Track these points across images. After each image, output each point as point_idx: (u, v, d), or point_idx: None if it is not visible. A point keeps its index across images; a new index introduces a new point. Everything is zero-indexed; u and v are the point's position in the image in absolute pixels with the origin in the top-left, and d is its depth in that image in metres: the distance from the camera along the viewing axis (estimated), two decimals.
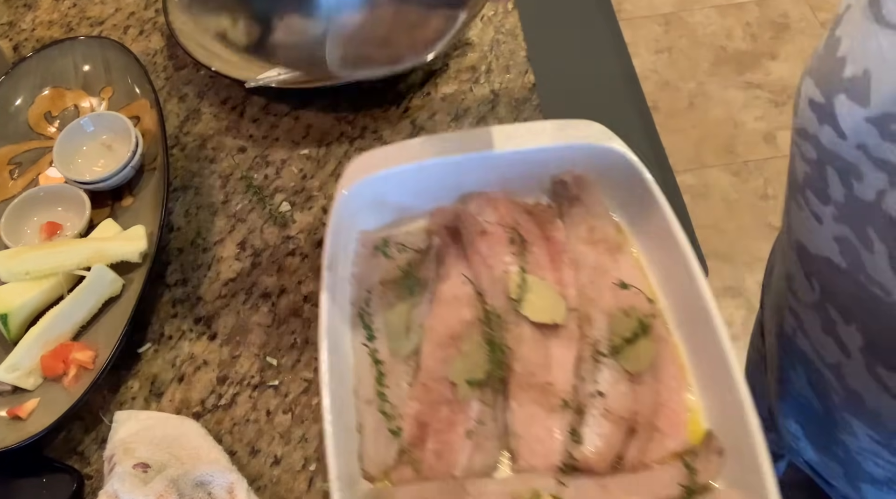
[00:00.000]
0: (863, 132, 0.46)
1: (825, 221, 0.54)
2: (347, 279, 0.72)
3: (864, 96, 0.46)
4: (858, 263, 0.52)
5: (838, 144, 0.48)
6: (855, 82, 0.46)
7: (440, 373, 0.65)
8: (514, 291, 0.68)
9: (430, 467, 0.61)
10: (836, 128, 0.48)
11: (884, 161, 0.46)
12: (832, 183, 0.51)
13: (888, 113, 0.45)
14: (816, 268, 0.58)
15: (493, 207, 0.74)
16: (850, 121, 0.47)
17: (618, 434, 0.62)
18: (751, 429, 0.55)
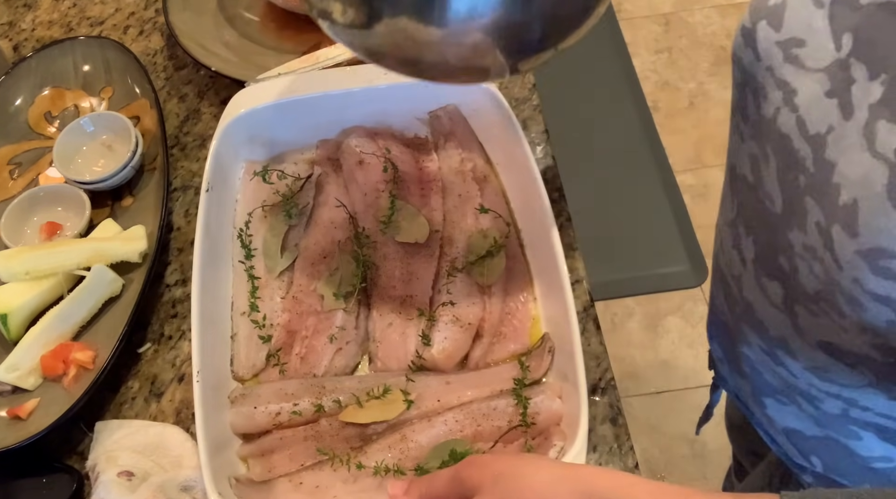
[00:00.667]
0: (772, 55, 0.52)
1: (745, 139, 0.59)
2: (232, 204, 0.80)
3: (779, 23, 0.52)
4: (759, 178, 0.57)
5: (754, 66, 0.54)
6: (775, 9, 0.52)
7: (310, 287, 0.74)
8: (383, 215, 0.77)
9: (295, 370, 0.70)
10: (755, 50, 0.54)
11: (783, 81, 0.52)
12: (749, 104, 0.56)
13: (793, 37, 0.51)
14: (738, 186, 0.63)
15: (371, 139, 0.82)
16: (764, 44, 0.53)
17: (465, 338, 0.70)
18: (573, 331, 0.64)
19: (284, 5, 0.97)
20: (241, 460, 0.66)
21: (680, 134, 2.17)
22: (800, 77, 0.51)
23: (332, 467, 0.65)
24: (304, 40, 0.97)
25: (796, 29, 0.51)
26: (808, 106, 0.50)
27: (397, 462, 0.64)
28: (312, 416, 0.67)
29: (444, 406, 0.67)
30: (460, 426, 0.66)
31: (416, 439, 0.65)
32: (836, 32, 0.48)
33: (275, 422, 0.67)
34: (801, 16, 0.50)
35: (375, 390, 0.68)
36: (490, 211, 0.78)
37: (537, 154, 0.87)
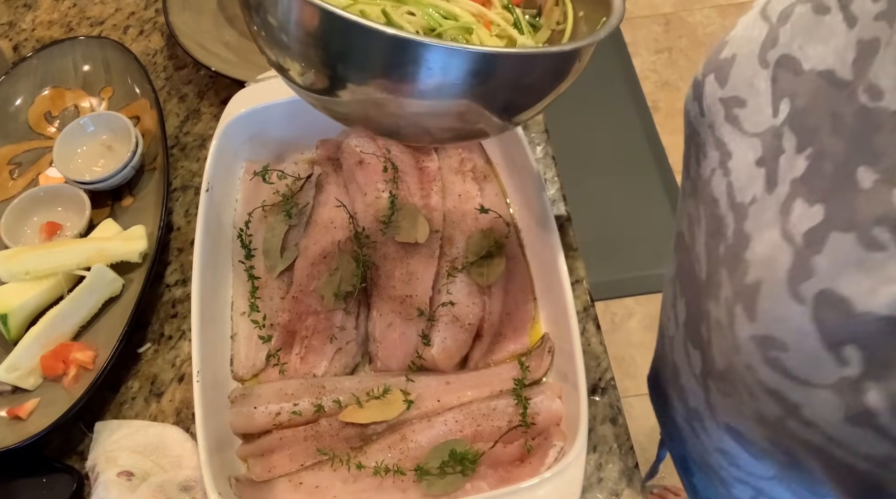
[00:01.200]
0: (714, 111, 0.50)
1: (686, 196, 0.57)
2: (232, 204, 0.80)
3: (725, 78, 0.49)
4: (693, 239, 0.55)
5: (699, 121, 0.52)
6: (724, 64, 0.50)
7: (310, 287, 0.74)
8: (383, 215, 0.77)
9: (295, 370, 0.70)
10: (701, 104, 0.51)
11: (721, 141, 0.49)
12: (691, 159, 0.54)
13: (735, 96, 0.48)
14: (677, 243, 0.61)
15: (371, 139, 0.82)
16: (709, 99, 0.50)
17: (464, 338, 0.70)
18: (572, 331, 0.64)
19: None
20: (241, 460, 0.66)
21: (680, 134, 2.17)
22: (736, 139, 0.48)
23: (332, 467, 0.65)
24: None
25: (739, 88, 0.48)
26: (739, 172, 0.48)
27: (397, 462, 0.64)
28: (312, 416, 0.67)
29: (444, 406, 0.67)
30: (460, 426, 0.66)
31: (416, 439, 0.65)
32: (776, 97, 0.46)
33: (275, 422, 0.67)
34: (746, 74, 0.47)
35: (375, 390, 0.68)
36: (490, 211, 0.78)
37: (537, 154, 0.87)
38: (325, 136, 0.84)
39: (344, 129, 0.84)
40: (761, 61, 0.47)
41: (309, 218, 0.79)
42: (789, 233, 0.41)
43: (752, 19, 0.49)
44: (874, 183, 0.37)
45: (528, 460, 0.63)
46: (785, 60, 0.45)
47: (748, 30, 0.49)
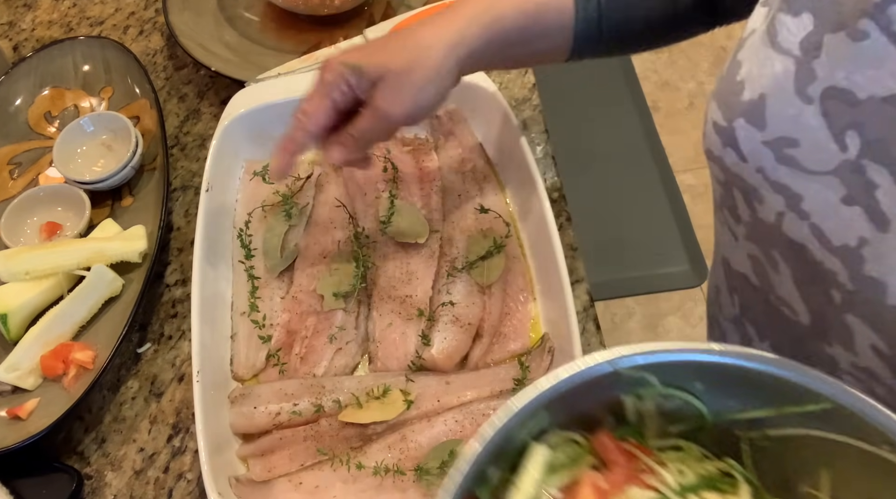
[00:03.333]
0: (760, 155, 0.47)
1: (739, 238, 0.55)
2: (232, 204, 0.80)
3: (761, 120, 0.47)
4: (768, 282, 0.53)
5: (740, 167, 0.49)
6: (752, 106, 0.47)
7: (310, 287, 0.74)
8: (383, 215, 0.77)
9: (295, 370, 0.70)
10: (738, 151, 0.49)
11: (780, 184, 0.47)
12: (739, 204, 0.52)
13: (782, 137, 0.46)
14: (736, 284, 0.59)
15: None
16: (748, 144, 0.48)
17: (464, 338, 0.70)
18: (572, 331, 0.64)
19: (284, 5, 0.97)
20: (241, 460, 0.66)
21: (680, 134, 2.17)
22: (801, 180, 0.46)
23: (332, 467, 0.65)
24: (304, 40, 0.97)
25: (784, 128, 0.46)
26: (823, 213, 0.45)
27: (397, 462, 0.64)
28: (312, 416, 0.67)
29: (444, 406, 0.67)
30: (460, 426, 0.66)
31: (415, 439, 0.65)
32: (836, 131, 0.43)
33: (275, 422, 0.67)
34: (787, 113, 0.45)
35: (375, 390, 0.68)
36: (490, 211, 0.78)
37: (537, 154, 0.87)
38: None
39: None
40: (802, 97, 0.44)
41: (309, 218, 0.79)
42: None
43: (765, 55, 0.47)
44: None
45: None
46: (833, 92, 0.43)
47: (765, 67, 0.46)
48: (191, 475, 0.69)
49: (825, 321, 0.49)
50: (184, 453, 0.70)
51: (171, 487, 0.69)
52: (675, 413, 0.46)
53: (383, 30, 0.91)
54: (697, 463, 0.46)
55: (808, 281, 0.48)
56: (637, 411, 0.47)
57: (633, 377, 0.43)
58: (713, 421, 0.46)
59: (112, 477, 0.69)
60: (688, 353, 0.42)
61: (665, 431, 0.47)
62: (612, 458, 0.45)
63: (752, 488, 0.44)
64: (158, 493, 0.69)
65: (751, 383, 0.43)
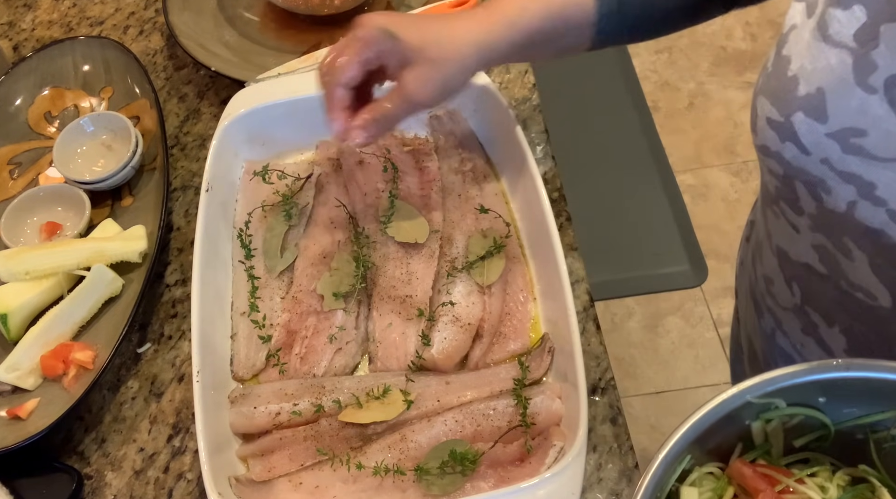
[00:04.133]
0: (825, 147, 0.48)
1: (802, 230, 0.55)
2: (232, 204, 0.80)
3: (822, 113, 0.47)
4: (838, 270, 0.54)
5: (802, 160, 0.50)
6: (811, 100, 0.48)
7: (310, 287, 0.74)
8: (383, 215, 0.77)
9: (295, 370, 0.70)
10: (799, 144, 0.49)
11: (849, 173, 0.48)
12: (802, 196, 0.52)
13: (847, 127, 0.46)
14: (797, 273, 0.59)
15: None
16: (810, 137, 0.48)
17: (465, 338, 0.70)
18: (572, 331, 0.64)
19: (284, 5, 0.97)
20: (241, 460, 0.66)
21: (680, 134, 2.17)
22: (873, 168, 0.46)
23: (332, 467, 0.65)
24: (304, 40, 0.97)
25: (848, 119, 0.46)
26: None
27: (397, 462, 0.64)
28: (312, 416, 0.67)
29: (444, 406, 0.67)
30: (460, 426, 0.66)
31: (415, 439, 0.65)
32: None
33: (275, 422, 0.67)
34: (850, 104, 0.46)
35: (375, 390, 0.68)
36: (490, 211, 0.78)
37: (537, 154, 0.87)
38: (325, 136, 0.84)
39: None
40: (864, 88, 0.45)
41: (309, 218, 0.79)
42: None
43: (817, 49, 0.47)
44: None
45: (528, 460, 0.63)
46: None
47: (819, 60, 0.47)
48: (191, 475, 0.69)
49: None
50: (184, 453, 0.70)
51: (171, 487, 0.69)
52: (799, 428, 0.49)
53: None
54: (832, 475, 0.48)
55: (888, 264, 0.49)
56: (764, 433, 0.49)
57: (762, 404, 0.46)
58: (837, 429, 0.48)
59: (112, 477, 0.69)
60: (813, 373, 0.45)
61: (791, 446, 0.50)
62: (754, 484, 0.47)
63: (890, 489, 0.46)
64: (158, 493, 0.69)
65: (871, 390, 0.45)
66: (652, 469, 0.43)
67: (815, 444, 0.49)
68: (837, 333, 0.58)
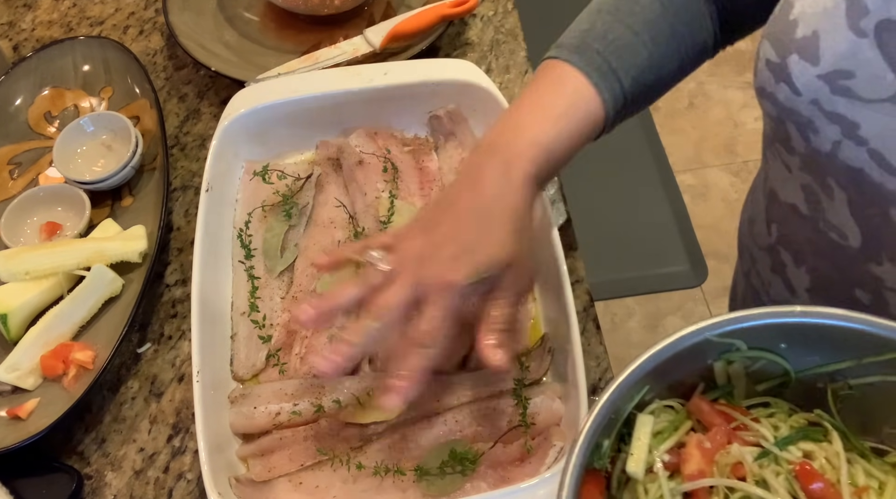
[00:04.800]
0: (815, 89, 0.50)
1: (793, 170, 0.57)
2: (232, 204, 0.80)
3: (815, 55, 0.49)
4: (819, 210, 0.56)
5: (794, 100, 0.52)
6: (805, 42, 0.49)
7: (310, 287, 0.73)
8: (383, 215, 0.77)
9: (295, 370, 0.70)
10: (791, 85, 0.51)
11: (835, 114, 0.49)
12: (794, 136, 0.54)
13: (837, 69, 0.48)
14: (781, 214, 0.61)
15: (371, 139, 0.82)
16: (803, 79, 0.50)
17: (465, 339, 0.67)
18: (572, 331, 0.64)
19: (284, 5, 0.97)
20: (241, 460, 0.66)
21: (680, 134, 2.17)
22: (857, 109, 0.48)
23: (332, 467, 0.65)
24: (304, 40, 0.97)
25: (839, 61, 0.48)
26: (882, 138, 0.48)
27: (397, 462, 0.64)
28: (312, 416, 0.67)
29: (444, 406, 0.67)
30: (460, 426, 0.66)
31: (415, 439, 0.65)
32: (893, 60, 0.46)
33: (275, 422, 0.67)
34: (842, 47, 0.48)
35: (375, 391, 0.67)
36: None
37: None
38: (325, 136, 0.84)
39: (343, 129, 0.84)
40: (856, 31, 0.47)
41: (309, 218, 0.79)
42: None
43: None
44: None
45: (528, 460, 0.63)
46: (887, 24, 0.46)
47: (817, 4, 0.49)
48: (191, 475, 0.69)
49: (879, 241, 0.51)
50: (184, 453, 0.70)
51: (171, 487, 0.69)
52: (761, 373, 0.49)
53: (383, 30, 0.91)
54: (788, 417, 0.49)
55: (865, 204, 0.51)
56: (726, 375, 0.50)
57: (722, 343, 0.47)
58: (797, 377, 0.49)
59: (112, 477, 0.69)
60: (772, 317, 0.46)
61: (753, 390, 0.51)
62: (710, 419, 0.48)
63: (841, 433, 0.47)
64: (158, 493, 0.69)
65: (832, 339, 0.46)
66: (608, 393, 0.44)
67: (777, 390, 0.50)
68: (803, 273, 0.60)
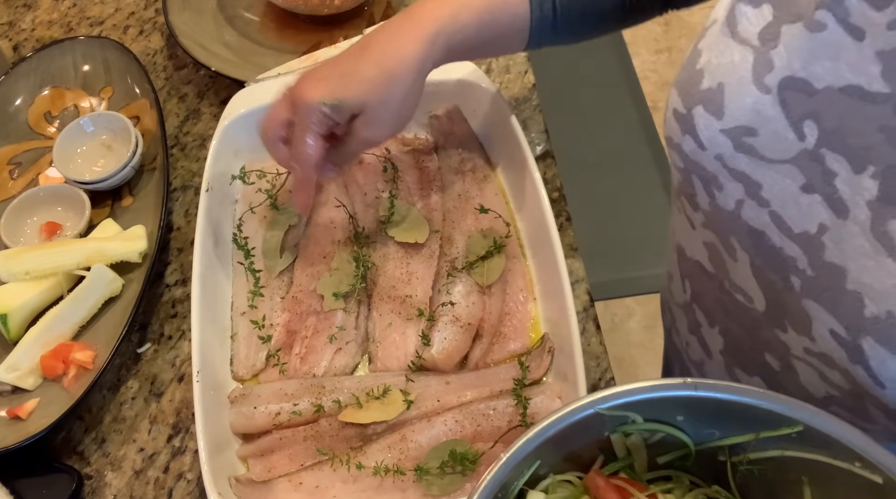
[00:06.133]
0: (719, 143, 0.48)
1: (696, 226, 0.56)
2: (231, 204, 0.80)
3: (719, 108, 0.47)
4: (723, 269, 0.54)
5: (699, 154, 0.50)
6: (710, 94, 0.48)
7: (310, 287, 0.74)
8: (383, 215, 0.77)
9: (295, 369, 0.70)
10: (696, 138, 0.49)
11: (739, 172, 0.47)
12: (698, 191, 0.52)
13: (740, 125, 0.46)
14: (690, 270, 0.60)
15: None
16: (707, 132, 0.48)
17: (465, 338, 0.70)
18: (572, 331, 0.65)
19: (284, 5, 0.97)
20: (241, 460, 0.66)
21: None
22: (760, 169, 0.46)
23: (332, 467, 0.65)
24: (304, 40, 0.97)
25: (742, 117, 0.46)
26: (783, 201, 0.46)
27: (397, 462, 0.64)
28: (312, 416, 0.67)
29: (444, 406, 0.67)
30: (460, 426, 0.66)
31: (415, 440, 0.65)
32: (794, 121, 0.44)
33: (275, 422, 0.67)
34: (745, 102, 0.46)
35: (375, 391, 0.68)
36: (490, 211, 0.78)
37: (537, 154, 0.87)
38: None
39: None
40: (760, 87, 0.45)
41: (309, 218, 0.79)
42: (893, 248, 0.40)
43: (725, 45, 0.48)
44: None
45: None
46: (790, 83, 0.44)
47: (724, 56, 0.47)
48: (191, 475, 0.69)
49: (782, 307, 0.49)
50: (184, 453, 0.70)
51: (171, 487, 0.69)
52: (662, 444, 0.48)
53: None
54: (687, 492, 0.48)
55: (766, 267, 0.49)
56: (625, 447, 0.49)
57: (616, 416, 0.45)
58: (698, 449, 0.48)
59: (112, 477, 0.69)
60: (663, 390, 0.45)
61: (654, 462, 0.49)
62: (605, 495, 0.46)
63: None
64: (158, 493, 0.69)
65: (728, 412, 0.44)
66: (493, 470, 0.43)
67: (679, 463, 0.49)
68: (716, 334, 0.59)
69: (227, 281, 0.76)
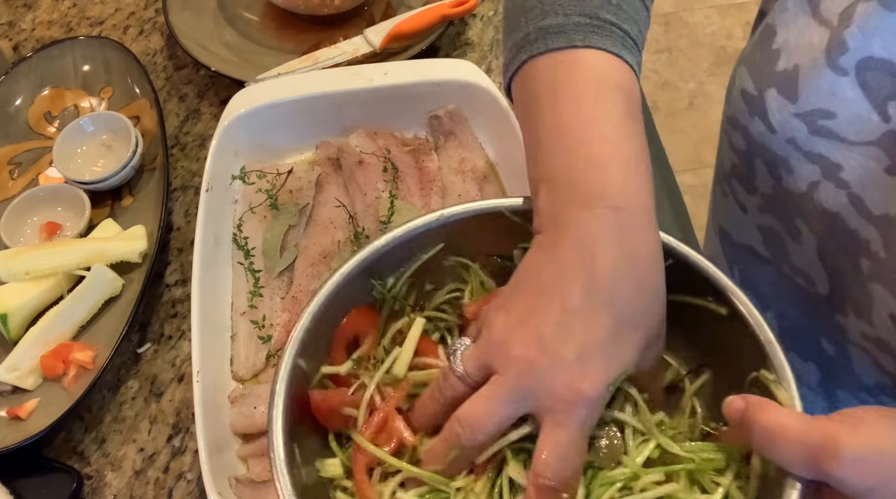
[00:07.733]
0: (792, 127, 0.46)
1: (750, 210, 0.54)
2: (232, 204, 0.80)
3: (793, 92, 0.45)
4: (782, 254, 0.52)
5: (767, 137, 0.48)
6: (785, 76, 0.46)
7: (310, 287, 0.74)
8: (383, 215, 0.77)
9: None
10: (766, 121, 0.48)
11: (815, 154, 0.46)
12: (760, 174, 0.51)
13: (816, 109, 0.45)
14: (738, 256, 0.58)
15: (371, 139, 0.82)
16: (779, 116, 0.47)
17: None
18: None
19: (284, 5, 0.97)
20: (241, 460, 0.66)
21: (680, 134, 2.17)
22: (840, 151, 0.44)
23: None
24: (304, 40, 0.97)
25: (817, 100, 0.44)
26: (864, 183, 0.44)
27: None
28: None
29: None
30: None
31: None
32: (877, 102, 0.42)
33: None
34: (821, 85, 0.44)
35: None
36: None
37: None
38: (325, 136, 0.84)
39: (343, 129, 0.84)
40: (834, 69, 0.43)
41: (309, 218, 0.79)
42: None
43: (804, 24, 0.45)
44: None
45: None
46: (870, 63, 0.42)
47: (803, 37, 0.45)
48: (191, 475, 0.69)
49: (845, 290, 0.48)
50: (184, 453, 0.70)
51: (171, 487, 0.69)
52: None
53: (383, 30, 0.91)
54: None
55: (836, 250, 0.47)
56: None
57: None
58: None
59: (112, 477, 0.69)
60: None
61: None
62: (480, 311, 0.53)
63: None
64: (158, 493, 0.69)
65: None
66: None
67: None
68: (770, 319, 0.58)
69: (227, 281, 0.76)
